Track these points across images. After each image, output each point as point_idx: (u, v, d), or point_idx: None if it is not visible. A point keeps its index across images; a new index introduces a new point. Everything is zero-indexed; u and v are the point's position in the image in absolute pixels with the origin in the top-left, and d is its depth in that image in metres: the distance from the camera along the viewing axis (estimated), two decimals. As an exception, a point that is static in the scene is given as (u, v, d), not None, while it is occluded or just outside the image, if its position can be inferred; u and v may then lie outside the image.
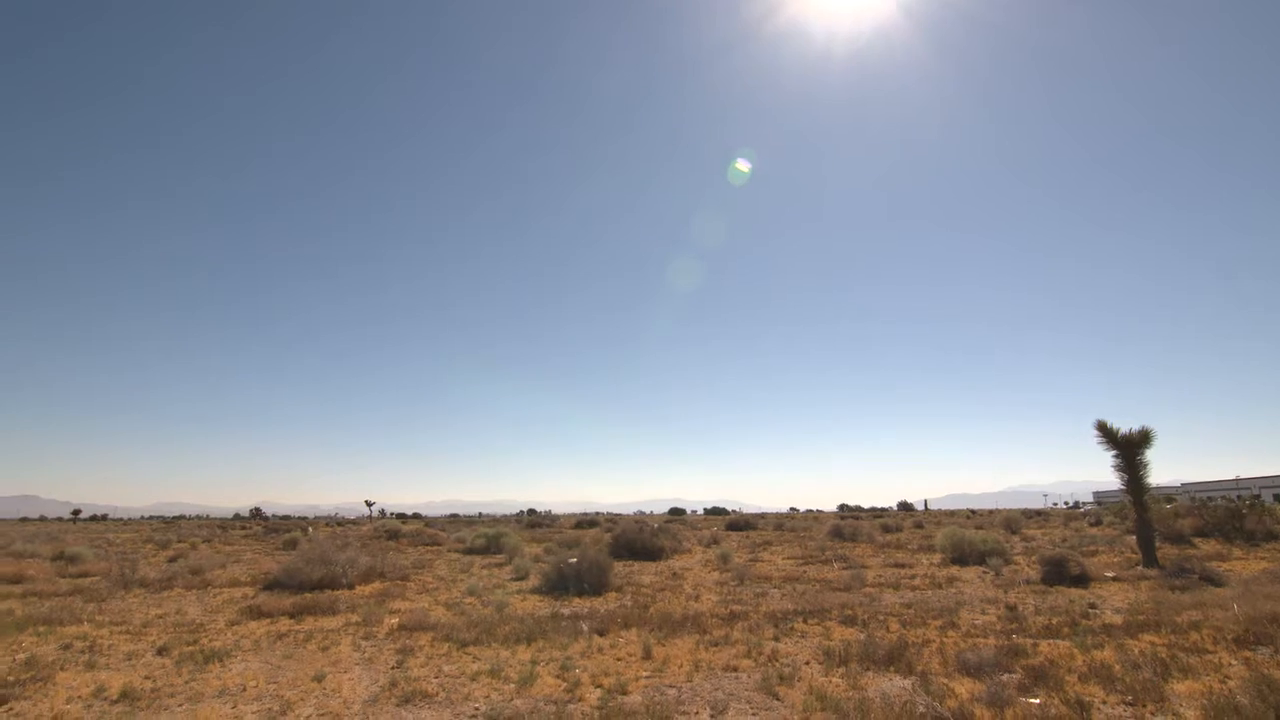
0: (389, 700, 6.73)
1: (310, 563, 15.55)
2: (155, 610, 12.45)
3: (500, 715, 6.16)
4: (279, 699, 6.80)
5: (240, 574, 18.05)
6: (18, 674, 7.71)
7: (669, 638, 9.30)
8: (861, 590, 13.81)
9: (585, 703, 6.55)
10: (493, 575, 17.73)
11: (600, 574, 14.43)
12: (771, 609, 11.56)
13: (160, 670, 7.99)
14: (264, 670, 7.97)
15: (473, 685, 7.24)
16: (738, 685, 7.09)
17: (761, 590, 14.08)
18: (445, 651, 8.80)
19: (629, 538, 22.75)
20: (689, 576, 16.75)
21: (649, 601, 12.63)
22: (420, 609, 12.13)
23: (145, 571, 18.09)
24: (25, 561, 20.50)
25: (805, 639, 9.27)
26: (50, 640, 9.71)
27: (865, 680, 7.12)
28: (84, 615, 11.73)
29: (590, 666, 7.88)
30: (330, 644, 9.29)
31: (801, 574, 16.85)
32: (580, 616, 10.84)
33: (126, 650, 9.05)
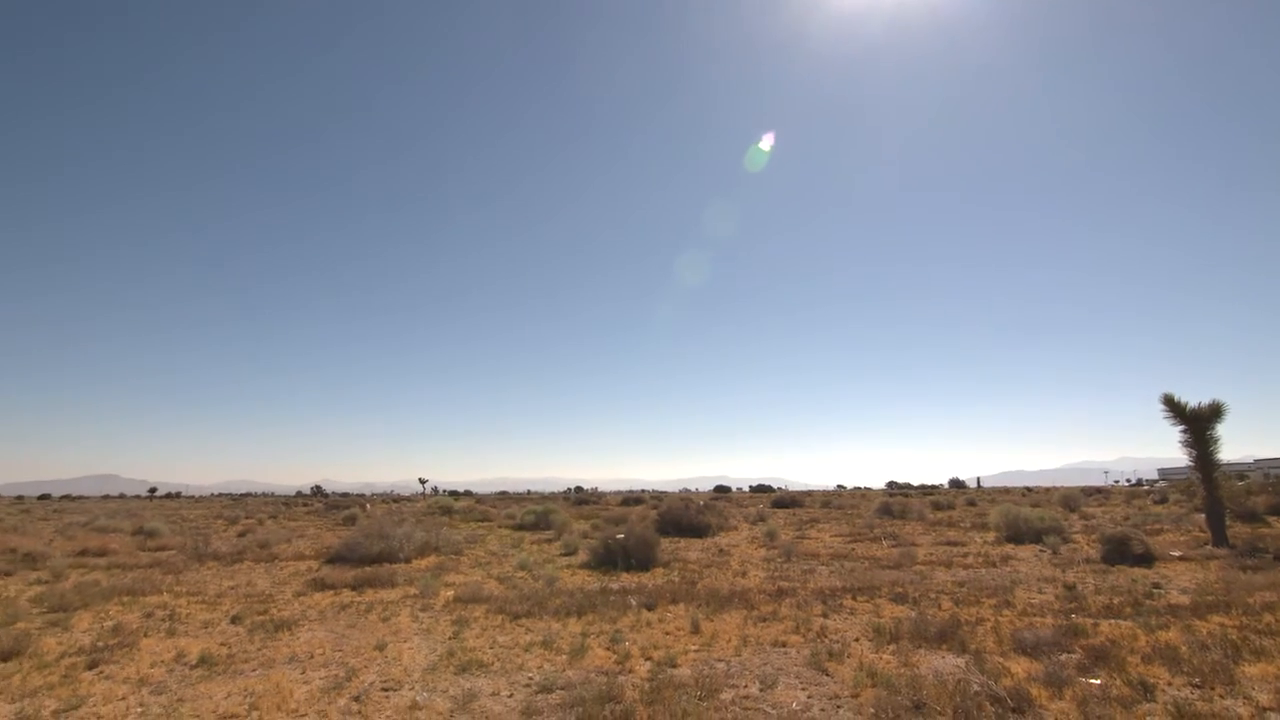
0: (447, 669, 7.00)
1: (369, 537, 16.20)
2: (228, 582, 13.19)
3: (554, 685, 6.34)
4: (344, 666, 7.15)
5: (304, 548, 18.92)
6: (106, 640, 8.29)
7: (717, 613, 9.38)
8: (912, 568, 13.64)
9: (636, 674, 6.69)
10: (542, 551, 18.14)
11: (647, 550, 14.60)
12: (819, 586, 11.53)
13: (234, 638, 8.48)
14: (329, 639, 8.39)
15: (526, 656, 7.47)
16: (786, 660, 7.12)
17: (809, 567, 14.04)
18: (499, 623, 9.09)
19: (675, 515, 22.89)
20: (735, 553, 16.80)
21: (696, 577, 12.74)
22: (474, 582, 12.52)
23: (217, 545, 19.14)
24: (109, 536, 21.90)
25: (854, 616, 9.23)
26: (134, 609, 10.39)
27: (917, 658, 7.06)
28: (163, 586, 12.51)
29: (639, 640, 8.03)
30: (390, 615, 9.69)
31: (850, 551, 16.73)
32: (628, 591, 11.02)
33: (203, 619, 9.62)
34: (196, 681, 6.64)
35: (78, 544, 19.07)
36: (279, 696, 6.07)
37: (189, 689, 6.39)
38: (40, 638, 8.32)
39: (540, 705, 5.80)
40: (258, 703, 5.91)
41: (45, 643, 8.12)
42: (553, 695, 6.08)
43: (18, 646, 7.68)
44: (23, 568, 14.95)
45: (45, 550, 17.20)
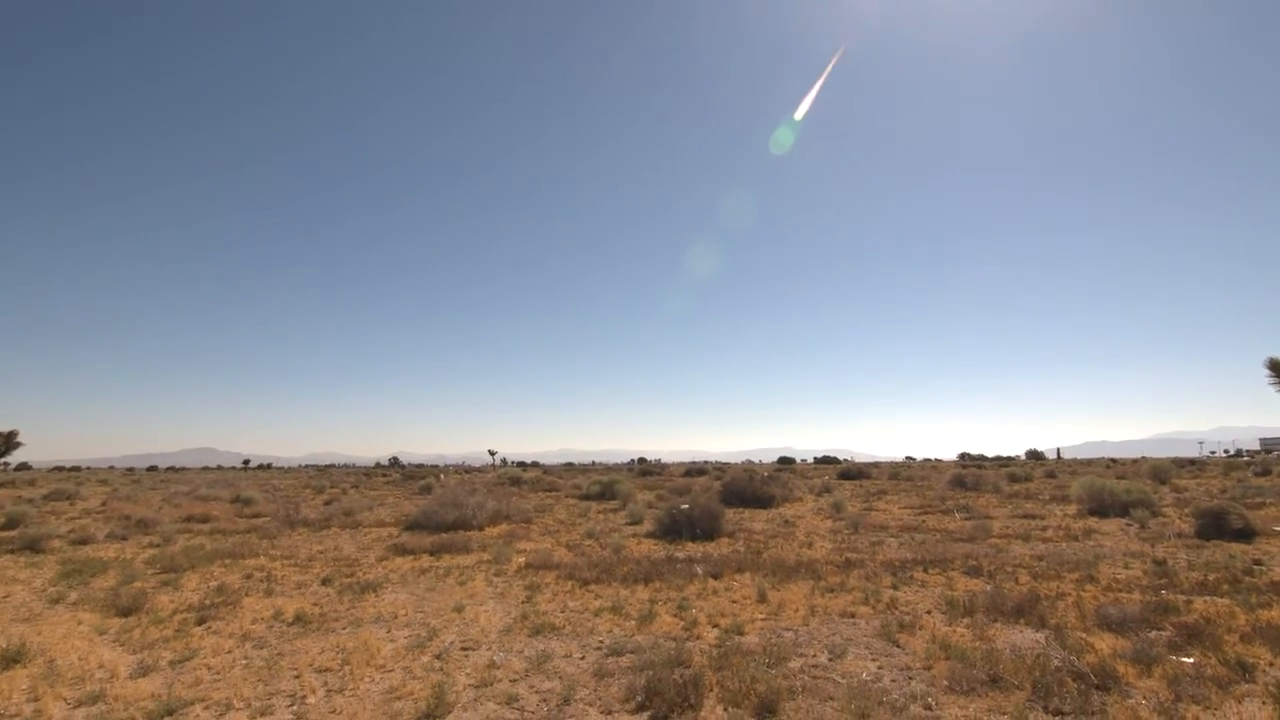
0: (521, 631, 7.28)
1: (444, 506, 16.93)
2: (317, 547, 14.06)
3: (623, 649, 6.52)
4: (425, 626, 7.54)
5: (385, 516, 19.92)
6: (212, 598, 9.00)
7: (783, 583, 9.38)
8: (986, 541, 13.23)
9: (703, 640, 6.79)
10: (608, 520, 18.50)
11: (712, 520, 14.69)
12: (889, 558, 11.35)
13: (325, 598, 9.06)
14: (411, 601, 8.85)
15: (596, 620, 7.68)
16: (855, 631, 7.08)
17: (877, 539, 13.82)
18: (569, 589, 9.37)
19: (739, 486, 22.89)
20: (801, 524, 16.70)
21: (761, 548, 12.75)
22: (544, 549, 12.93)
23: (306, 513, 20.39)
24: (210, 504, 23.67)
25: (926, 589, 9.06)
26: (235, 571, 11.22)
27: (992, 631, 6.89)
28: (260, 550, 13.45)
29: (706, 607, 8.13)
30: (466, 579, 10.13)
31: (920, 524, 16.34)
32: (694, 560, 11.14)
33: (296, 580, 10.31)
34: (293, 638, 7.15)
35: (183, 511, 20.69)
36: (368, 653, 6.47)
37: (287, 644, 6.89)
38: (155, 596, 9.11)
39: (611, 667, 5.98)
40: (349, 658, 6.32)
41: (159, 600, 8.89)
42: (623, 658, 6.25)
43: (136, 603, 8.45)
44: (136, 533, 16.35)
45: (155, 517, 18.76)
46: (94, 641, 7.06)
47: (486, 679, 5.74)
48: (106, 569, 11.20)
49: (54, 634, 7.31)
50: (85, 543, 14.67)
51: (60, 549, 13.78)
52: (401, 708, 5.13)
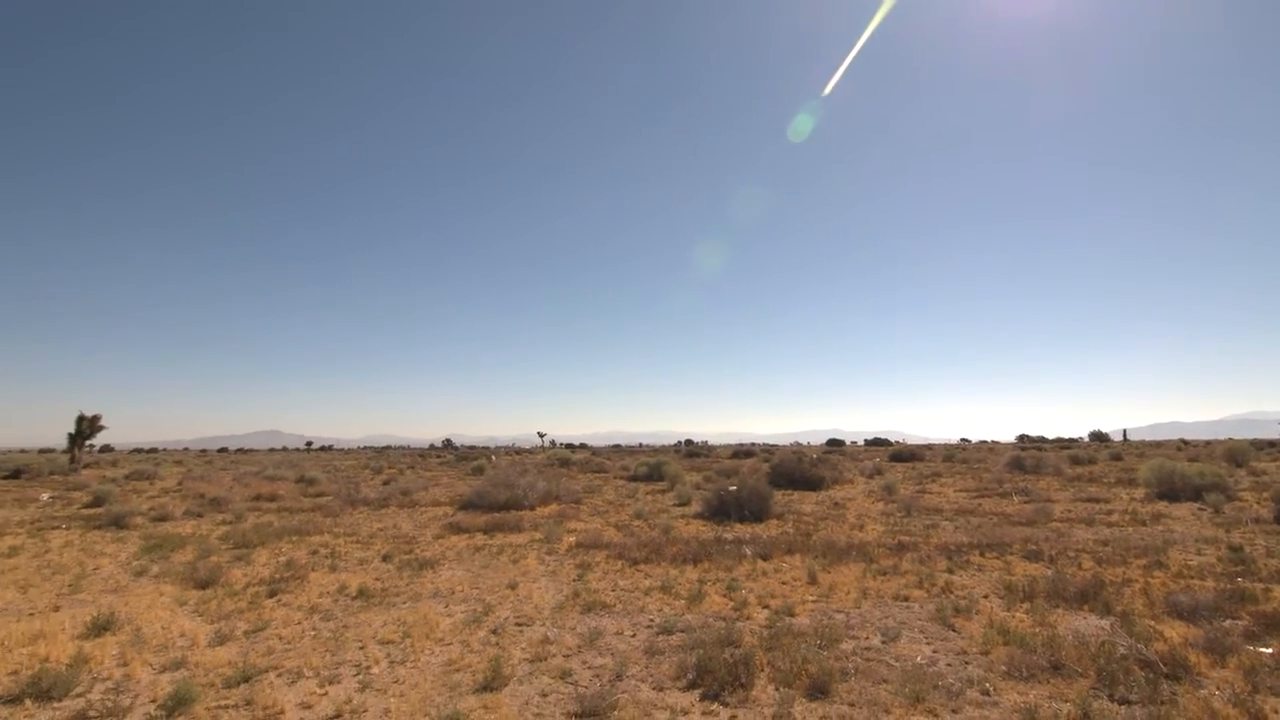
0: (573, 608, 7.44)
1: (496, 486, 17.34)
2: (377, 525, 14.60)
3: (674, 627, 6.59)
4: (481, 602, 7.78)
5: (440, 495, 20.51)
6: (281, 573, 9.46)
7: (834, 565, 9.30)
8: (1047, 525, 12.81)
9: (754, 621, 6.81)
10: (656, 501, 18.62)
11: (761, 502, 14.63)
12: (943, 541, 11.11)
13: (386, 574, 9.42)
14: (467, 577, 9.13)
15: (646, 599, 7.78)
16: (909, 615, 6.98)
17: (931, 522, 13.53)
18: (619, 568, 9.51)
19: (787, 467, 22.70)
20: (851, 507, 16.48)
21: (811, 529, 12.65)
22: (594, 529, 13.12)
23: (366, 493, 21.16)
24: (277, 484, 24.80)
25: (983, 573, 8.85)
26: (301, 547, 11.75)
27: (1054, 617, 6.70)
28: (324, 527, 14.05)
29: (756, 588, 8.13)
30: (519, 557, 10.38)
31: (976, 507, 15.92)
32: (743, 541, 11.13)
33: (358, 557, 10.74)
34: (357, 611, 7.48)
35: (252, 490, 21.74)
36: (427, 626, 6.72)
37: (351, 617, 7.21)
38: (229, 569, 9.63)
39: (662, 645, 6.05)
40: (409, 631, 6.58)
41: (233, 574, 9.39)
42: (673, 637, 6.32)
43: (213, 576, 8.95)
44: (210, 510, 17.28)
45: (227, 496, 19.78)
46: (175, 612, 7.52)
47: (541, 654, 5.89)
48: (184, 544, 11.90)
49: (139, 604, 7.82)
50: (164, 520, 15.58)
51: (142, 525, 14.68)
52: (460, 679, 5.32)
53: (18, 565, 10.24)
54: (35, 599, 8.19)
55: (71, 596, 8.34)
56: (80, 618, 7.09)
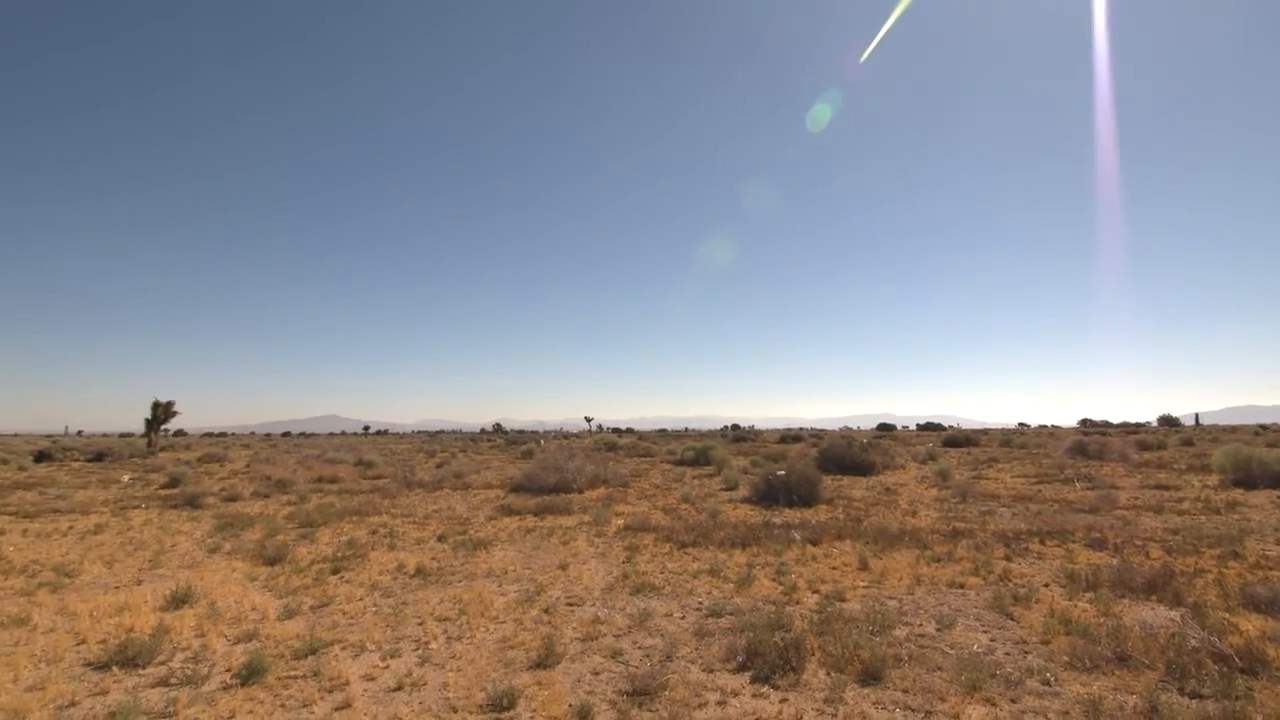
0: (623, 589, 7.54)
1: (546, 470, 17.65)
2: (432, 506, 15.04)
3: (723, 610, 6.61)
4: (533, 581, 7.95)
5: (491, 478, 20.99)
6: (343, 551, 9.86)
7: (885, 551, 9.16)
8: (1112, 512, 12.31)
9: (803, 605, 6.77)
10: (703, 485, 18.64)
11: (809, 487, 14.49)
12: (1000, 528, 10.80)
13: (441, 553, 9.72)
14: (519, 558, 9.34)
15: (695, 582, 7.82)
16: (965, 602, 6.83)
17: (988, 509, 13.16)
18: (667, 551, 9.57)
19: (836, 452, 22.38)
20: (903, 492, 16.16)
21: (862, 515, 12.46)
22: (641, 512, 13.23)
23: (421, 475, 21.81)
24: (337, 466, 25.79)
25: (1043, 561, 8.58)
26: (361, 527, 12.21)
27: (1119, 608, 6.46)
28: (382, 508, 14.55)
29: (805, 573, 8.08)
30: (569, 539, 10.56)
31: (1035, 493, 15.40)
32: (791, 526, 11.06)
33: (415, 537, 11.10)
34: (415, 588, 7.74)
35: (314, 473, 22.65)
36: (482, 605, 6.91)
37: (410, 594, 7.47)
38: (295, 547, 10.08)
39: (711, 628, 6.08)
40: (465, 609, 6.78)
41: (299, 551, 9.83)
42: (722, 619, 6.34)
43: (280, 554, 9.39)
44: (276, 491, 18.11)
45: (291, 477, 20.67)
46: (246, 587, 7.93)
47: (592, 633, 6.00)
48: (253, 523, 12.51)
49: (213, 579, 8.27)
50: (234, 500, 16.41)
51: (214, 505, 15.49)
52: (514, 656, 5.47)
53: (103, 542, 10.94)
54: (120, 573, 8.74)
55: (152, 571, 8.87)
56: (160, 591, 7.55)
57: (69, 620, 6.59)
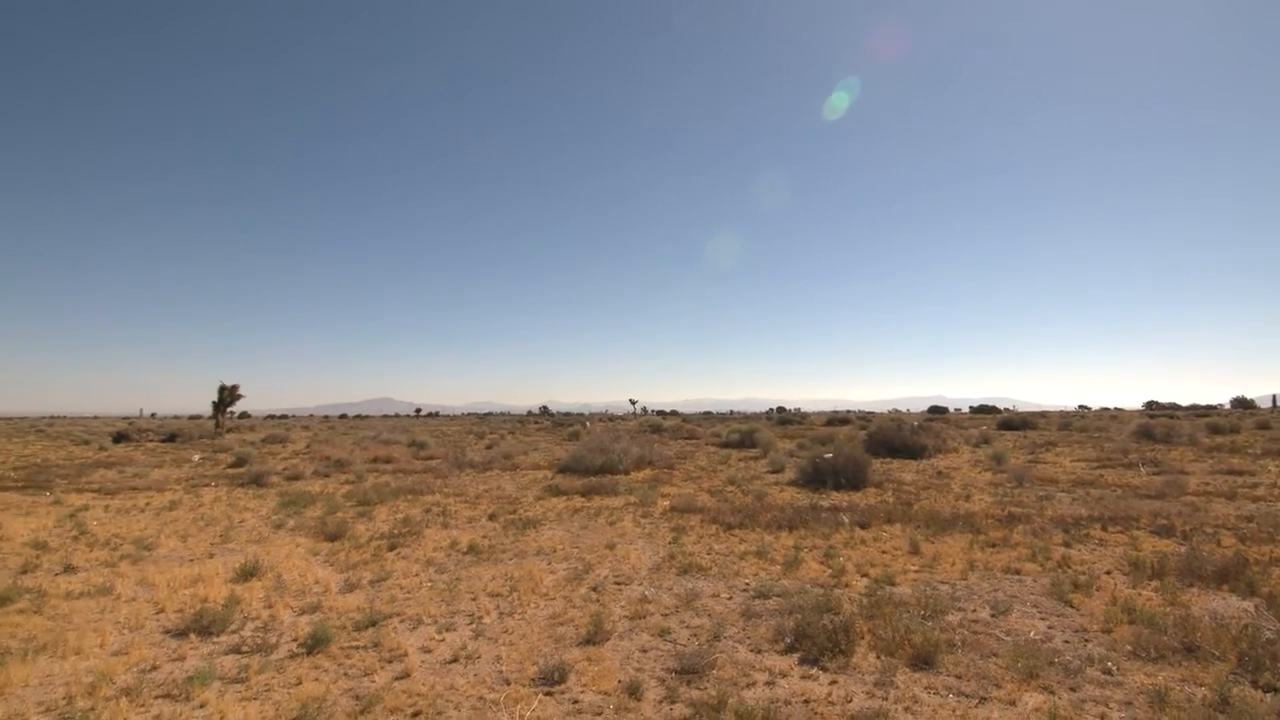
0: (669, 569, 7.60)
1: (592, 451, 17.86)
2: (482, 486, 15.42)
3: (770, 592, 6.60)
4: (581, 560, 8.09)
5: (539, 459, 21.36)
6: (399, 528, 10.20)
7: (937, 535, 8.98)
8: (1180, 498, 11.77)
9: (852, 589, 6.71)
10: (749, 468, 18.56)
11: (858, 470, 14.28)
12: (1059, 514, 10.46)
13: (492, 532, 9.97)
14: (567, 537, 9.51)
15: (741, 563, 7.83)
16: (1021, 589, 6.66)
17: (1045, 493, 12.74)
18: (713, 532, 9.60)
19: (886, 435, 21.96)
20: (956, 476, 15.77)
21: (912, 499, 12.23)
22: (687, 494, 13.28)
23: (471, 456, 22.34)
24: (391, 447, 26.62)
25: (1104, 548, 8.29)
26: (415, 505, 12.61)
27: (1187, 597, 6.20)
28: (435, 488, 14.99)
29: (854, 556, 8.00)
30: (615, 520, 10.69)
31: (1097, 478, 14.83)
32: (840, 509, 10.94)
33: (467, 515, 11.40)
34: (468, 565, 7.97)
35: (370, 453, 23.44)
36: (532, 582, 7.08)
37: (463, 570, 7.70)
38: (354, 524, 10.48)
39: (758, 609, 6.09)
40: (516, 585, 6.95)
41: (357, 528, 10.22)
42: (769, 601, 6.34)
43: (340, 530, 9.79)
44: (335, 471, 18.82)
45: (349, 458, 21.43)
46: (309, 561, 8.29)
47: (639, 612, 6.08)
48: (314, 501, 13.04)
49: (279, 554, 8.67)
50: (296, 479, 17.13)
51: (278, 483, 16.21)
52: (564, 632, 5.59)
53: (177, 517, 11.58)
54: (193, 547, 9.25)
55: (222, 545, 9.36)
56: (231, 564, 7.96)
57: (148, 590, 7.02)
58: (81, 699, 4.39)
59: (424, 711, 4.18)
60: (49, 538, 9.76)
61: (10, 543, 9.42)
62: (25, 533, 10.09)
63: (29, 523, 10.98)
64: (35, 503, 13.31)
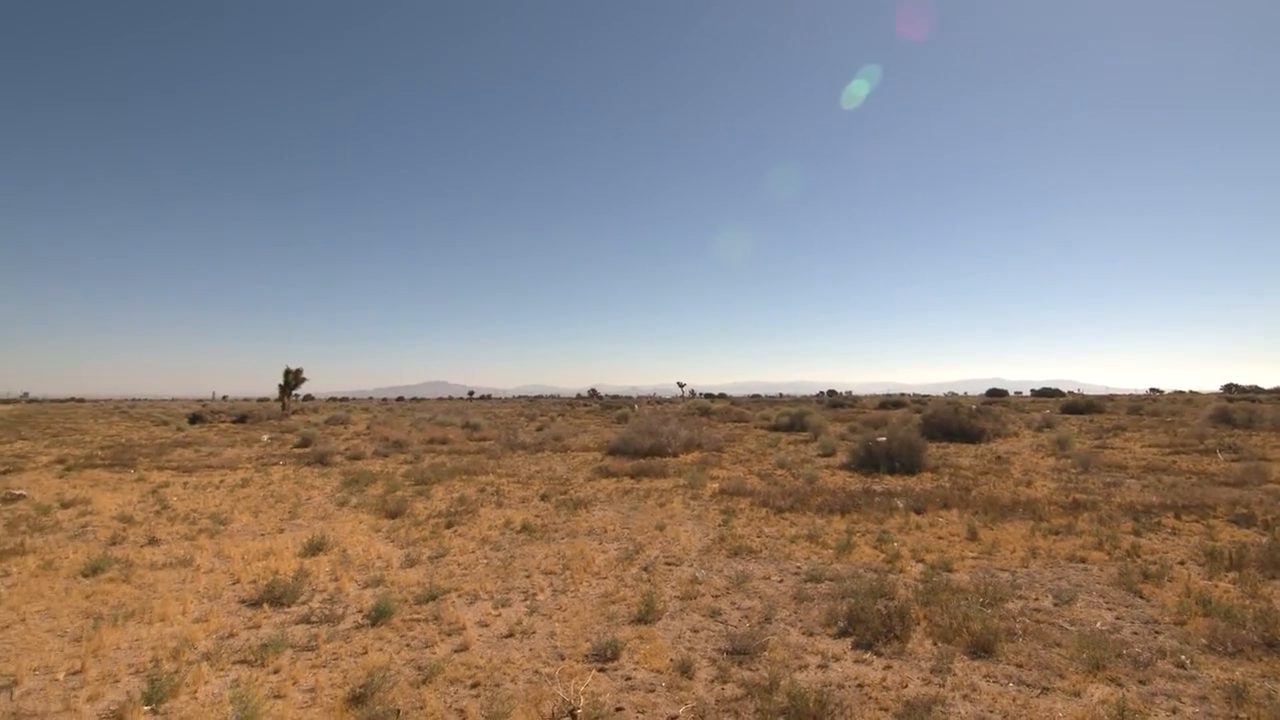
0: (719, 551, 7.62)
1: (640, 434, 17.97)
2: (534, 467, 15.72)
3: (822, 576, 6.55)
4: (632, 541, 8.19)
5: (588, 441, 21.62)
6: (455, 507, 10.51)
7: (996, 522, 8.73)
8: (1261, 486, 11.11)
9: (907, 574, 6.60)
10: (799, 451, 18.37)
11: (913, 454, 13.97)
12: (1128, 501, 10.02)
13: (544, 511, 10.17)
14: (617, 518, 9.63)
15: (792, 547, 7.79)
16: (1086, 578, 6.43)
17: (1113, 480, 12.22)
18: (763, 515, 9.56)
19: (942, 418, 21.37)
20: (1016, 461, 15.26)
21: (970, 484, 11.90)
22: (736, 477, 13.25)
23: (523, 438, 22.76)
24: (446, 429, 27.38)
25: (1177, 537, 7.92)
26: (470, 485, 12.95)
27: (1269, 590, 5.88)
28: (488, 468, 15.37)
29: (909, 541, 7.85)
30: (665, 501, 10.76)
31: (1169, 464, 14.13)
32: (893, 494, 10.73)
33: (520, 495, 11.66)
34: (522, 544, 8.17)
35: (426, 434, 24.18)
36: (584, 561, 7.21)
37: (517, 549, 7.89)
38: (412, 502, 10.85)
39: (810, 592, 6.06)
40: (569, 564, 7.09)
41: (416, 506, 10.58)
42: (821, 585, 6.30)
43: (400, 508, 10.15)
44: (394, 451, 19.48)
45: (406, 439, 22.16)
46: (372, 537, 8.63)
47: (690, 593, 6.12)
48: (375, 480, 13.54)
49: (343, 529, 9.06)
50: (358, 459, 17.81)
51: (341, 463, 16.89)
52: (617, 610, 5.68)
53: (249, 494, 12.20)
54: (264, 522, 9.74)
55: (291, 521, 9.82)
56: (299, 539, 8.36)
57: (224, 562, 7.43)
58: (167, 662, 4.70)
59: (482, 683, 4.33)
60: (134, 512, 10.42)
61: (100, 516, 10.11)
62: (113, 507, 10.81)
63: (116, 498, 11.76)
64: (121, 479, 14.23)
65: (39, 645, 5.05)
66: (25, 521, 9.60)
